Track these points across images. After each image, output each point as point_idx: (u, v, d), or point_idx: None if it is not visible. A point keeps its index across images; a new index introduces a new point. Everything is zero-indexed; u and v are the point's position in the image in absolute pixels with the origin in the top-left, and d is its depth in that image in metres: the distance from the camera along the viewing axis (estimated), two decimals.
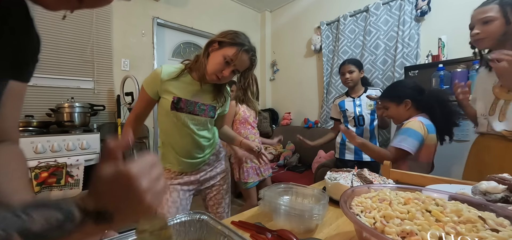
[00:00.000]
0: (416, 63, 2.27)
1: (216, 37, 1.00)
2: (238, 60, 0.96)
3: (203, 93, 1.07)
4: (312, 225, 0.58)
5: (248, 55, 0.99)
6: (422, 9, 2.26)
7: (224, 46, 0.97)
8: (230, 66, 0.97)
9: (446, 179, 0.84)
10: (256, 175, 1.92)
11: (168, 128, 1.06)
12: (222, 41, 0.98)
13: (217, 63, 0.97)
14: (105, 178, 0.29)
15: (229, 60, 0.95)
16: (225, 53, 0.96)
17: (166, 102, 1.01)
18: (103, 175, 0.29)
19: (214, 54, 0.98)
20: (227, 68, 0.97)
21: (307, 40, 3.34)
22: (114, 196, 0.29)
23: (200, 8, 3.16)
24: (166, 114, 1.03)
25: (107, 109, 2.39)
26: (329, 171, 0.83)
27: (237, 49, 0.95)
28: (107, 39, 2.43)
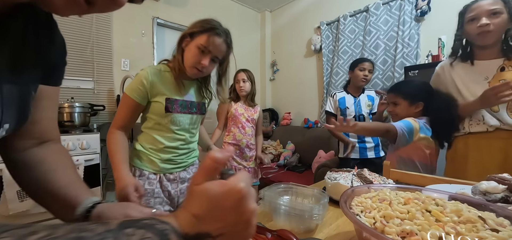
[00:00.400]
0: (416, 63, 2.28)
1: (186, 30, 0.97)
2: (212, 45, 0.93)
3: (190, 91, 1.05)
4: (312, 225, 0.58)
5: (221, 39, 0.94)
6: (422, 9, 2.26)
7: (195, 36, 0.94)
8: (206, 54, 0.94)
9: (446, 179, 0.84)
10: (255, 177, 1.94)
11: (160, 131, 1.01)
12: (192, 32, 0.95)
13: (192, 55, 0.94)
14: (214, 197, 0.26)
15: (203, 48, 0.92)
16: (198, 43, 0.93)
17: (159, 106, 0.97)
18: (211, 193, 0.26)
19: (188, 47, 0.96)
20: (204, 57, 0.94)
21: (307, 40, 3.34)
22: (220, 217, 0.26)
23: (200, 8, 3.16)
24: (159, 118, 0.98)
25: (107, 109, 2.39)
26: (329, 171, 0.83)
27: (207, 35, 0.92)
28: (107, 39, 2.44)
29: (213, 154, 0.28)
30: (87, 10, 0.33)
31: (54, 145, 0.49)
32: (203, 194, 0.26)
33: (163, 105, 0.97)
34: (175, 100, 0.99)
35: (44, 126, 0.48)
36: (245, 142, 1.89)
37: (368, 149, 1.86)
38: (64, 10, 0.32)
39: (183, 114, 1.02)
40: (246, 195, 0.26)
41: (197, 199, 0.26)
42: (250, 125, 1.92)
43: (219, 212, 0.26)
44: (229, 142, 1.90)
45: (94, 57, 2.35)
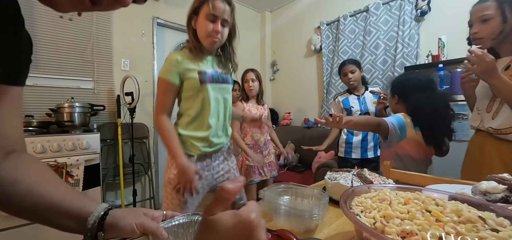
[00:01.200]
0: (416, 63, 2.28)
1: (189, 10, 1.04)
2: (217, 10, 0.99)
3: (214, 65, 1.11)
4: (312, 225, 0.58)
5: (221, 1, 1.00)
6: (422, 9, 2.26)
7: (199, 10, 1.01)
8: (215, 20, 1.00)
9: (446, 179, 0.84)
10: (259, 174, 1.97)
11: (198, 107, 1.06)
12: (195, 8, 1.02)
13: (204, 27, 1.00)
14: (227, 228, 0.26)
15: (211, 16, 0.99)
16: (204, 14, 1.00)
17: (193, 81, 1.03)
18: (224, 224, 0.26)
19: (198, 23, 1.03)
20: (215, 24, 1.00)
21: (307, 40, 3.34)
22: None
23: None
24: (196, 92, 1.04)
25: (107, 109, 2.39)
26: (329, 171, 0.83)
27: (209, 2, 0.98)
28: (107, 39, 2.44)
29: (226, 186, 0.28)
30: (91, 9, 0.33)
31: (26, 156, 0.44)
32: (216, 225, 0.27)
33: (197, 78, 1.03)
34: (206, 72, 1.05)
35: (10, 133, 0.42)
36: (263, 140, 2.00)
37: (369, 148, 1.89)
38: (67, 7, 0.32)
39: (215, 84, 1.07)
40: (257, 226, 0.27)
41: (210, 229, 0.27)
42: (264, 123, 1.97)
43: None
44: (248, 143, 1.96)
45: (94, 57, 2.35)
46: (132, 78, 2.30)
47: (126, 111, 2.39)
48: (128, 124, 2.36)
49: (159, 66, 2.82)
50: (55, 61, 2.16)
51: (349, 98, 1.93)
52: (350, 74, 1.85)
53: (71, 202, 0.41)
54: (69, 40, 2.21)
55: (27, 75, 0.44)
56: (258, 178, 1.97)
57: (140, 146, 2.58)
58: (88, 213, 0.41)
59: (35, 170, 0.43)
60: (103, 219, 0.40)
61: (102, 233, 0.39)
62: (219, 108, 1.11)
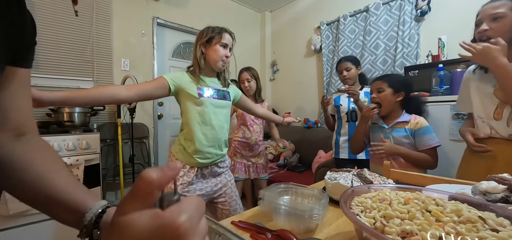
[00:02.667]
0: (416, 63, 2.28)
1: (202, 39, 1.23)
2: (227, 40, 1.23)
3: (213, 83, 1.28)
4: (312, 225, 0.58)
5: (228, 33, 1.25)
6: (422, 9, 2.26)
7: (214, 39, 1.21)
8: (226, 48, 1.24)
9: (446, 179, 0.84)
10: (245, 172, 1.98)
11: (198, 119, 1.19)
12: (210, 38, 1.22)
13: (217, 52, 1.21)
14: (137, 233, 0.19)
15: (223, 44, 1.22)
16: (220, 42, 1.21)
17: (192, 94, 1.18)
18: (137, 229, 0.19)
19: (211, 49, 1.22)
20: (225, 50, 1.23)
21: (307, 40, 3.34)
22: None
23: (200, 8, 3.16)
24: (195, 105, 1.19)
25: (107, 109, 2.39)
26: (329, 171, 0.83)
27: (222, 34, 1.22)
28: (107, 39, 2.44)
29: (147, 173, 0.20)
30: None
31: (37, 140, 0.44)
32: (125, 229, 0.19)
33: (196, 92, 1.18)
34: (205, 89, 1.22)
35: (19, 114, 0.42)
36: (254, 140, 1.97)
37: None
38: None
39: (213, 99, 1.23)
40: (187, 233, 0.19)
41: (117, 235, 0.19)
42: (258, 122, 2.00)
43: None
44: (238, 140, 1.98)
45: (94, 57, 2.35)
46: (132, 78, 2.30)
47: (126, 111, 2.39)
48: (128, 124, 2.36)
49: (159, 66, 2.82)
50: (55, 61, 2.16)
51: (341, 96, 1.93)
52: (345, 72, 1.83)
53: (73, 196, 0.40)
54: (69, 40, 2.21)
55: (33, 57, 0.44)
56: (243, 176, 1.97)
57: (140, 146, 2.58)
58: (87, 209, 0.40)
59: (44, 158, 0.42)
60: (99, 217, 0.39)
61: (98, 231, 0.38)
62: (215, 123, 1.22)
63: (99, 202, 0.42)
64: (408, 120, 1.32)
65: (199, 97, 1.17)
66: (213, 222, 0.48)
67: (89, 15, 2.30)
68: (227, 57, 1.24)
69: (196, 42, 1.24)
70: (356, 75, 1.85)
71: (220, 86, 1.30)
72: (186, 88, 1.18)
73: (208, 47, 1.22)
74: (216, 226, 0.47)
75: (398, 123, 1.34)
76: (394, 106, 1.35)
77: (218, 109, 1.24)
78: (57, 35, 2.14)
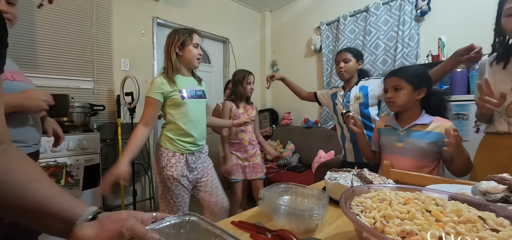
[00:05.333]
0: (416, 63, 2.28)
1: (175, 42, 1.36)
2: (198, 40, 1.41)
3: (190, 83, 1.43)
4: (312, 225, 0.58)
5: (196, 32, 1.41)
6: (422, 9, 2.26)
7: (187, 41, 1.36)
8: (198, 47, 1.40)
9: (446, 179, 0.84)
10: (242, 173, 2.00)
11: (184, 118, 1.37)
12: (182, 41, 1.36)
13: (192, 53, 1.38)
14: None
15: (195, 44, 1.39)
16: (192, 43, 1.37)
17: (177, 98, 1.34)
18: None
19: (185, 50, 1.37)
20: (198, 49, 1.40)
21: (307, 40, 3.34)
22: None
23: (200, 8, 3.16)
24: (178, 106, 1.36)
25: (107, 109, 2.39)
26: (329, 171, 0.83)
27: (193, 36, 1.38)
28: (107, 39, 2.43)
29: None
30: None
31: (12, 150, 0.42)
32: None
33: (179, 95, 1.34)
34: (185, 90, 1.37)
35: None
36: (248, 140, 2.00)
37: None
38: None
39: (192, 99, 1.40)
40: None
41: None
42: (250, 123, 1.97)
43: None
44: (232, 142, 2.01)
45: (94, 57, 2.35)
46: (132, 78, 2.30)
47: (126, 111, 2.39)
48: (128, 124, 2.36)
49: (159, 66, 2.82)
50: (55, 61, 2.16)
51: (338, 93, 1.69)
52: (342, 63, 1.56)
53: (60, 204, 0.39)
54: (69, 40, 2.21)
55: (5, 60, 0.41)
56: (241, 177, 2.00)
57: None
58: (77, 216, 0.39)
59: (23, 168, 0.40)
60: None
61: None
62: (198, 117, 1.43)
63: (90, 208, 0.41)
64: (428, 123, 1.09)
65: (182, 99, 1.35)
66: (209, 223, 0.47)
67: (89, 15, 2.30)
68: (200, 54, 1.41)
69: (168, 46, 1.37)
70: (354, 69, 1.57)
71: (196, 84, 1.46)
72: (170, 95, 1.33)
73: (182, 49, 1.37)
74: (213, 228, 0.46)
75: (416, 126, 1.11)
76: (413, 105, 1.12)
77: (198, 106, 1.44)
78: (57, 35, 2.14)
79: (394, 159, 1.10)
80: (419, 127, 1.11)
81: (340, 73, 1.60)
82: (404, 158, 1.12)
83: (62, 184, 1.74)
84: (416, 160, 1.10)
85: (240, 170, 1.99)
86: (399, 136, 1.15)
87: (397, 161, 1.10)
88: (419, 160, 1.10)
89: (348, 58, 1.56)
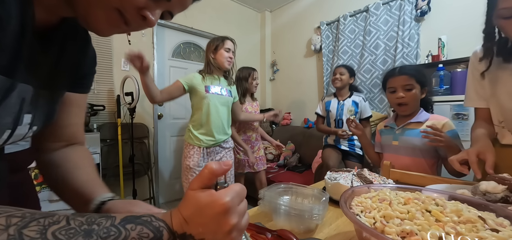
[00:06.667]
0: (416, 63, 2.28)
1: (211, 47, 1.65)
2: (231, 45, 1.65)
3: (219, 82, 1.67)
4: (312, 225, 0.58)
5: (229, 39, 1.66)
6: (422, 9, 2.26)
7: (219, 47, 1.63)
8: (229, 51, 1.64)
9: (446, 179, 0.84)
10: (248, 166, 2.12)
11: (204, 109, 1.58)
12: (216, 46, 1.64)
13: (224, 56, 1.63)
14: (200, 204, 0.29)
15: (227, 49, 1.64)
16: (224, 48, 1.63)
17: (201, 91, 1.58)
18: (199, 200, 0.29)
19: (218, 54, 1.63)
20: (229, 53, 1.64)
21: (307, 40, 3.34)
22: (203, 224, 0.29)
23: (200, 8, 3.16)
24: (202, 99, 1.58)
25: (107, 109, 2.39)
26: (329, 171, 0.83)
27: (226, 41, 1.64)
28: (107, 39, 2.43)
29: (210, 165, 0.31)
30: (126, 29, 0.38)
31: (79, 147, 0.54)
32: (193, 199, 0.29)
33: (203, 89, 1.59)
34: (211, 86, 1.62)
35: (73, 130, 0.53)
36: (255, 136, 2.18)
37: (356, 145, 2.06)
38: (107, 32, 0.38)
39: (216, 95, 1.62)
40: (229, 209, 0.29)
41: (188, 203, 0.29)
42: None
43: (202, 218, 0.29)
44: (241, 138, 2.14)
45: None
46: (132, 78, 2.30)
47: (126, 111, 2.39)
48: (128, 124, 2.36)
49: (159, 66, 2.82)
50: None
51: (332, 101, 2.09)
52: (338, 75, 2.02)
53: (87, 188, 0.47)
54: None
55: (92, 83, 0.55)
56: (247, 170, 2.13)
57: (140, 146, 2.58)
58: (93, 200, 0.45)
59: (75, 158, 0.51)
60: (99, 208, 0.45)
61: None
62: (220, 113, 1.63)
63: (103, 195, 0.47)
64: (424, 120, 1.09)
65: (206, 92, 1.58)
66: None
67: None
68: (231, 57, 1.64)
69: (207, 52, 1.67)
70: (347, 82, 2.03)
71: (225, 84, 1.69)
72: (196, 86, 1.58)
73: (216, 53, 1.63)
74: None
75: (411, 124, 1.11)
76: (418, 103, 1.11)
77: (221, 102, 1.64)
78: None
79: (390, 158, 1.10)
80: (414, 125, 1.10)
81: (335, 83, 2.06)
82: (399, 156, 1.12)
83: None
84: (412, 158, 1.09)
85: (247, 164, 2.12)
86: (395, 134, 1.15)
87: (393, 159, 1.09)
88: (415, 158, 1.09)
89: (343, 72, 2.03)
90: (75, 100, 0.51)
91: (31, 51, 0.35)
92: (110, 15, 0.35)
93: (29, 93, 0.37)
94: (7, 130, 0.36)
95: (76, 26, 0.43)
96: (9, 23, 0.29)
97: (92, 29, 0.37)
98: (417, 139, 1.07)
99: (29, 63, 0.36)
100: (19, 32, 0.31)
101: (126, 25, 0.37)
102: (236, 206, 0.30)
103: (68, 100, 0.49)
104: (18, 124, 0.37)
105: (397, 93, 1.09)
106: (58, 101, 0.46)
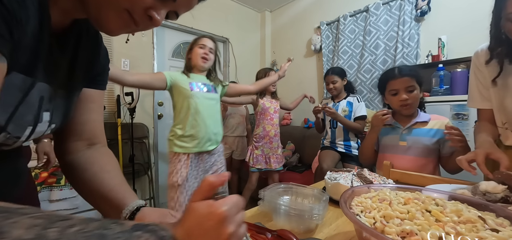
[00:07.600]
0: (416, 63, 2.27)
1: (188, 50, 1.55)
2: (204, 41, 1.50)
3: (201, 79, 1.53)
4: (312, 225, 0.58)
5: (207, 37, 1.54)
6: (422, 9, 2.25)
7: (194, 45, 1.52)
8: (204, 48, 1.49)
9: (446, 179, 0.84)
10: (265, 163, 2.17)
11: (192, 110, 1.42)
12: (191, 46, 1.53)
13: (197, 53, 1.49)
14: (200, 216, 0.30)
15: (202, 45, 1.49)
16: (200, 44, 1.50)
17: (185, 88, 1.43)
18: (199, 211, 0.30)
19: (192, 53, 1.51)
20: (203, 50, 1.49)
21: (307, 40, 3.33)
22: (202, 234, 0.30)
23: (200, 8, 3.10)
24: (187, 98, 1.42)
25: (107, 109, 2.39)
26: (329, 171, 0.83)
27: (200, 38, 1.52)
28: (107, 39, 2.43)
29: (209, 179, 0.32)
30: (136, 29, 0.40)
31: (102, 148, 0.55)
32: (193, 211, 0.31)
33: (188, 86, 1.43)
34: (195, 83, 1.47)
35: (92, 127, 0.53)
36: (274, 132, 2.21)
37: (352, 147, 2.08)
38: (117, 31, 0.39)
39: (202, 92, 1.47)
40: (226, 218, 0.30)
41: (189, 215, 0.31)
42: (276, 115, 2.26)
43: (201, 229, 0.30)
44: (259, 133, 2.20)
45: None
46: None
47: (126, 111, 2.39)
48: (128, 124, 2.36)
49: (159, 66, 2.82)
50: None
51: (328, 103, 2.15)
52: (331, 85, 2.08)
53: (117, 194, 0.48)
54: None
55: (107, 80, 0.56)
56: (264, 167, 2.16)
57: (140, 146, 2.58)
58: (124, 207, 0.47)
59: (101, 162, 0.52)
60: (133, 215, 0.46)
61: None
62: (205, 112, 1.46)
63: (136, 201, 0.48)
64: (427, 120, 1.11)
65: (191, 90, 1.43)
66: None
67: None
68: (206, 54, 1.49)
69: (185, 54, 1.57)
70: (341, 87, 2.08)
71: (210, 84, 1.55)
72: (180, 83, 1.43)
73: (191, 52, 1.52)
74: None
75: (417, 124, 1.12)
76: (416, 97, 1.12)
77: (207, 101, 1.49)
78: None
79: (396, 158, 1.10)
80: (420, 125, 1.12)
81: (331, 92, 2.12)
82: (407, 157, 1.11)
83: (62, 184, 1.74)
84: (420, 158, 1.10)
85: (264, 160, 2.16)
86: (402, 135, 1.14)
87: (400, 160, 1.09)
88: (423, 158, 1.10)
89: (335, 80, 2.06)
90: (91, 96, 0.52)
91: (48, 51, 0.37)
92: (120, 16, 0.37)
93: (47, 92, 0.39)
94: (29, 126, 0.38)
95: (88, 27, 0.45)
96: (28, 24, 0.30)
97: (103, 30, 0.39)
98: (427, 138, 1.09)
99: (47, 62, 0.37)
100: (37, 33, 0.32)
101: (135, 25, 0.39)
102: (234, 215, 0.31)
103: (84, 96, 0.50)
104: (38, 121, 0.39)
105: (400, 95, 1.09)
106: (74, 100, 0.47)
